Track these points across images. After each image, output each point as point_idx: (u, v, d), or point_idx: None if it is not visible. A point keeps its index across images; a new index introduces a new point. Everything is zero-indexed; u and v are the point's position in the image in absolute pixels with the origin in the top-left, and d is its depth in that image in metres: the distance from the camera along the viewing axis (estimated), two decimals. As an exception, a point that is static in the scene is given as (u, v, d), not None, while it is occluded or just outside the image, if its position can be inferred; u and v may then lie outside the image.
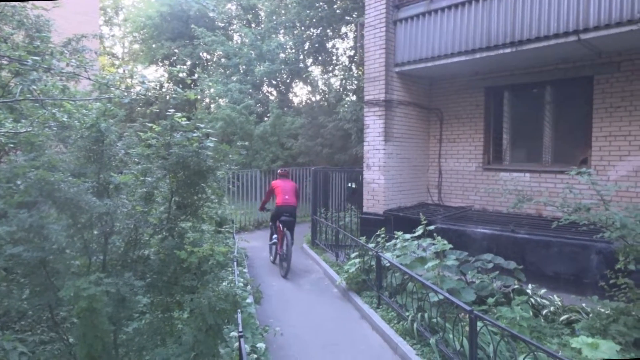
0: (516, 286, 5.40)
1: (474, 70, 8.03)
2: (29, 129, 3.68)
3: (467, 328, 4.01)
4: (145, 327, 3.43)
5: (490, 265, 5.70)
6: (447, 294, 4.40)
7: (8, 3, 5.21)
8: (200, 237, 3.55)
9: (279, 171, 8.90)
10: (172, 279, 3.43)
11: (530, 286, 5.40)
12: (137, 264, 3.51)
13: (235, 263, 5.88)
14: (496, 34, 6.63)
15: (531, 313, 4.84)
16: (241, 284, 5.66)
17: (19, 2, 5.50)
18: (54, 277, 3.05)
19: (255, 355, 4.08)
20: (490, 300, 5.06)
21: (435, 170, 9.00)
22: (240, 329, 3.48)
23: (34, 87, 3.96)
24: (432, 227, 6.21)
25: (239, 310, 3.32)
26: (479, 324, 3.83)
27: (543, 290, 5.41)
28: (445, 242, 5.68)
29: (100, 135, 3.27)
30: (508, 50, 6.53)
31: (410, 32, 7.86)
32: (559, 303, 5.16)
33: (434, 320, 4.68)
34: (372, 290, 6.23)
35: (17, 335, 3.83)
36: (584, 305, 4.96)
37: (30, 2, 5.68)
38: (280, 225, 7.85)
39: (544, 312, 5.02)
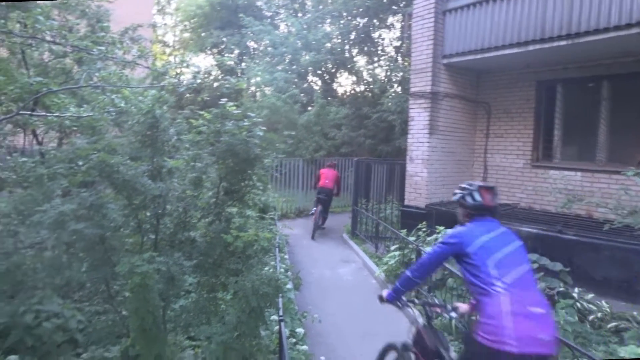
0: (561, 289, 5.23)
1: (525, 63, 7.74)
2: (90, 114, 3.91)
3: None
4: (192, 305, 3.60)
5: (535, 266, 5.55)
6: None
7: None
8: (246, 222, 3.67)
9: (328, 162, 10.96)
10: (218, 261, 3.58)
11: (576, 290, 5.22)
12: (185, 245, 3.69)
13: (277, 249, 6.02)
14: (551, 25, 6.36)
15: (576, 318, 4.68)
16: (282, 270, 5.79)
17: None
18: (110, 253, 3.25)
19: (294, 340, 4.19)
20: (534, 300, 4.93)
21: (481, 165, 8.78)
22: (281, 313, 3.58)
23: (96, 74, 4.20)
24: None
25: (280, 295, 3.42)
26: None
27: (590, 295, 5.20)
28: (489, 239, 5.57)
29: (155, 121, 3.43)
30: (563, 42, 6.25)
31: (459, 23, 7.67)
32: (608, 309, 4.95)
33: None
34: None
35: (76, 304, 4.13)
36: (635, 313, 4.75)
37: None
38: (317, 202, 10.02)
39: (591, 317, 4.84)
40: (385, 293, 3.09)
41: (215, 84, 15.79)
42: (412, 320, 3.34)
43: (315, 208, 10.21)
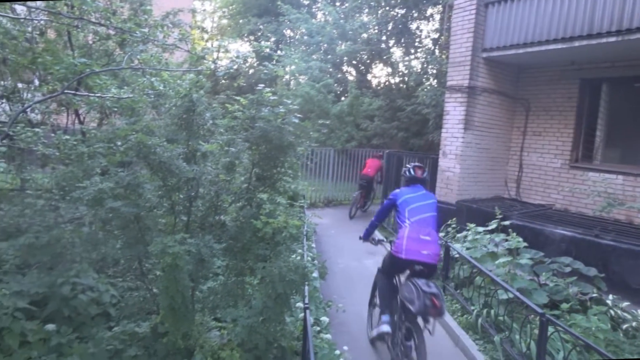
0: (595, 295, 5.06)
1: (570, 59, 7.45)
2: (130, 95, 4.01)
3: (536, 331, 3.87)
4: (219, 287, 3.67)
5: (568, 270, 5.39)
6: (517, 293, 4.26)
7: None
8: (275, 209, 3.70)
9: (373, 153, 12.02)
10: (247, 246, 3.63)
11: (610, 297, 5.03)
12: (215, 228, 3.75)
13: (305, 237, 6.05)
14: (600, 20, 6.08)
15: (609, 325, 4.53)
16: (309, 258, 5.83)
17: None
18: (144, 232, 3.35)
19: (317, 328, 4.22)
20: (565, 305, 4.80)
21: (516, 163, 8.55)
22: (306, 301, 3.61)
23: (137, 57, 4.30)
24: (507, 223, 5.96)
25: (306, 283, 3.44)
26: (550, 328, 3.67)
27: (626, 303, 5.01)
28: (520, 239, 5.45)
29: (191, 105, 3.48)
30: (612, 39, 5.97)
31: (502, 16, 7.44)
32: (643, 319, 4.78)
33: (501, 318, 4.55)
34: (438, 280, 6.15)
35: (110, 280, 4.28)
36: (672, 324, 4.56)
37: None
38: (359, 188, 10.93)
39: (624, 326, 4.66)
40: (361, 234, 4.81)
41: (251, 71, 15.90)
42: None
43: (356, 193, 11.10)
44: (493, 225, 5.91)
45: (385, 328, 3.96)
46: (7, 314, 3.32)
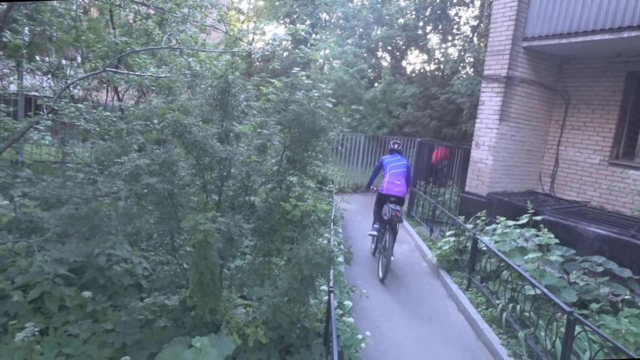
0: (627, 297, 4.92)
1: (617, 51, 7.13)
2: (168, 75, 4.09)
3: (562, 329, 3.80)
4: (247, 266, 3.76)
5: (600, 269, 5.25)
6: (545, 290, 4.18)
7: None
8: (305, 192, 3.74)
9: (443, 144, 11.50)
10: (275, 227, 3.69)
11: (644, 299, 4.90)
12: (245, 208, 3.83)
13: (332, 222, 6.10)
14: (653, 11, 5.77)
15: (641, 329, 4.41)
16: (335, 243, 5.88)
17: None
18: (177, 208, 3.45)
19: (340, 311, 4.27)
20: (594, 305, 4.69)
21: (552, 157, 8.30)
22: (331, 285, 3.66)
23: (176, 37, 4.37)
24: (538, 218, 5.83)
25: (331, 267, 3.48)
26: (578, 328, 3.60)
27: (660, 307, 4.87)
28: (552, 235, 5.33)
29: (227, 86, 3.53)
30: (665, 31, 5.68)
31: (546, 4, 7.15)
32: (678, 324, 4.62)
33: (526, 314, 4.49)
34: (463, 272, 6.10)
35: (143, 253, 4.45)
36: None
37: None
38: None
39: (657, 330, 4.54)
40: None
41: (285, 54, 15.88)
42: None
43: None
44: (524, 219, 5.79)
45: (374, 232, 6.69)
46: (48, 279, 3.51)
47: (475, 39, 14.34)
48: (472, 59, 13.06)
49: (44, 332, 3.32)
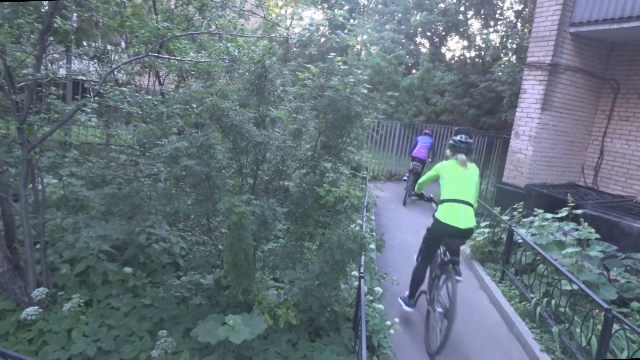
0: (670, 296, 4.72)
1: (674, 38, 6.73)
2: (207, 60, 4.17)
3: (599, 327, 3.69)
4: (280, 249, 3.84)
5: (645, 265, 5.04)
6: (583, 286, 4.06)
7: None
8: (338, 178, 3.76)
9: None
10: (308, 212, 3.74)
11: (690, 300, 4.68)
12: (279, 192, 3.89)
13: (365, 209, 6.11)
14: None
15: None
16: (367, 230, 5.89)
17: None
18: (213, 191, 3.54)
19: (371, 298, 4.30)
20: (635, 304, 4.53)
21: (596, 149, 7.97)
22: (362, 271, 3.69)
23: (215, 22, 4.44)
24: (579, 212, 5.64)
25: (363, 253, 3.50)
26: (616, 326, 3.49)
27: None
28: (592, 230, 5.15)
29: (264, 71, 3.57)
30: None
31: (598, -13, 6.80)
32: None
33: (562, 309, 4.38)
34: (497, 264, 6.00)
35: (180, 233, 4.61)
36: None
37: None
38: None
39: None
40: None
41: (322, 39, 15.81)
42: None
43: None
44: (563, 212, 5.62)
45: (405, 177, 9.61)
46: (93, 255, 3.70)
47: (518, 25, 13.83)
48: (514, 46, 12.64)
49: (89, 303, 3.52)
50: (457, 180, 4.13)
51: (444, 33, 17.08)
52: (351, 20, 14.12)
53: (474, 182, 4.16)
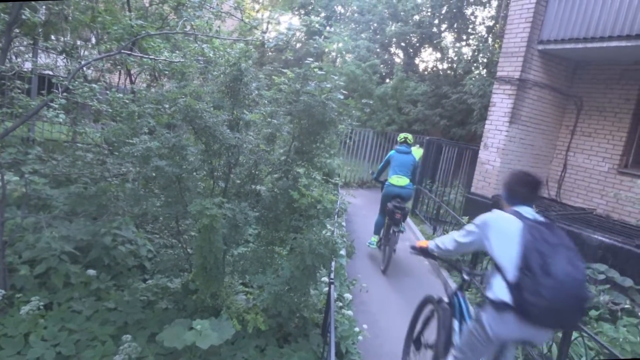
0: (627, 306, 4.91)
1: (633, 59, 7.06)
2: (181, 60, 4.12)
3: (559, 334, 3.81)
4: (250, 254, 3.80)
5: (601, 277, 5.24)
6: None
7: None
8: (311, 183, 3.76)
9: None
10: (279, 216, 3.72)
11: (644, 309, 4.89)
12: (251, 196, 3.86)
13: (336, 215, 6.13)
14: (673, 20, 5.71)
15: (639, 339, 4.40)
16: (339, 236, 5.90)
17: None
18: (184, 193, 3.49)
19: (340, 304, 4.31)
20: (593, 313, 4.70)
21: (560, 163, 8.26)
22: (332, 276, 3.69)
23: (192, 22, 4.39)
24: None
25: (334, 258, 3.51)
26: (575, 334, 3.61)
27: (660, 318, 4.86)
28: (555, 241, 5.31)
29: (239, 74, 3.54)
30: (684, 41, 5.61)
31: (564, 7, 7.08)
32: (677, 335, 4.61)
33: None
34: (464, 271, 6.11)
35: (148, 235, 4.50)
36: None
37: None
38: None
39: (656, 341, 4.53)
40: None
41: (299, 45, 15.86)
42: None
43: None
44: (528, 223, 5.79)
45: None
46: (55, 256, 3.57)
47: (490, 40, 14.24)
48: (485, 60, 12.98)
49: (49, 306, 3.38)
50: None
51: (418, 44, 17.41)
52: (327, 28, 14.24)
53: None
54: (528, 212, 2.73)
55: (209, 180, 3.80)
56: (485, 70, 12.77)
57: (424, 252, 3.33)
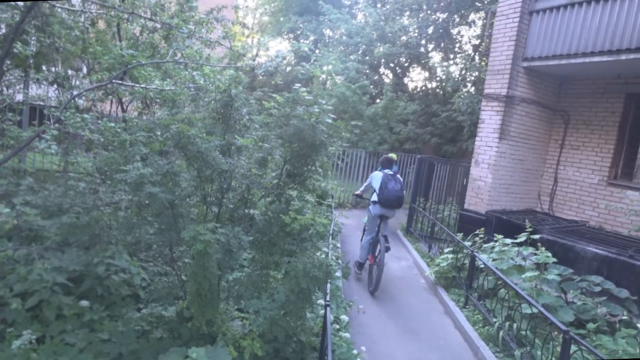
0: (624, 317, 4.91)
1: (615, 73, 7.22)
2: (172, 88, 4.16)
3: (559, 349, 3.80)
4: (245, 278, 3.78)
5: (597, 289, 5.25)
6: (542, 309, 4.18)
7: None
8: (304, 206, 3.78)
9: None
10: (274, 240, 3.72)
11: (642, 320, 4.88)
12: (244, 221, 3.86)
13: (330, 236, 6.12)
14: (650, 34, 5.87)
15: (638, 350, 4.39)
16: (333, 258, 5.89)
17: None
18: (177, 219, 3.48)
19: (337, 326, 4.27)
20: (591, 325, 4.69)
21: (551, 177, 8.35)
22: (328, 299, 3.67)
23: (182, 51, 4.46)
24: (536, 237, 5.85)
25: (329, 281, 3.50)
26: (574, 347, 3.60)
27: (658, 328, 4.85)
28: (549, 254, 5.34)
29: (230, 100, 3.60)
30: (663, 54, 5.76)
31: (546, 25, 7.27)
32: (675, 346, 4.61)
33: (523, 332, 4.48)
34: (461, 289, 6.10)
35: (142, 263, 4.46)
36: None
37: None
38: None
39: (655, 351, 4.52)
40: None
41: (288, 69, 16.08)
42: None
43: None
44: (522, 237, 5.81)
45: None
46: (47, 288, 3.52)
47: (476, 58, 14.52)
48: (473, 78, 13.21)
49: (41, 340, 3.33)
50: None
51: (406, 64, 17.70)
52: (317, 51, 14.46)
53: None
54: (386, 171, 6.29)
55: (202, 206, 3.81)
56: (473, 87, 12.99)
57: (357, 196, 6.83)
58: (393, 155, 6.60)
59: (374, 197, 6.22)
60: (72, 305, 3.64)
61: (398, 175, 6.31)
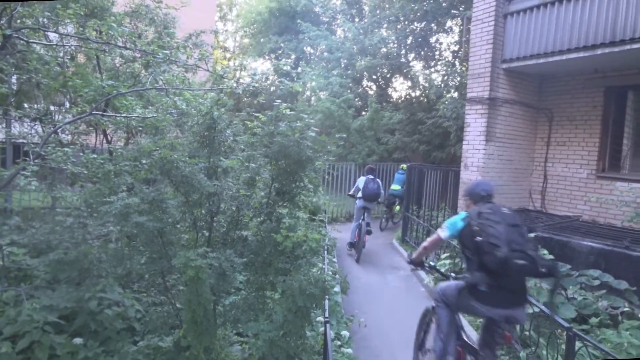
0: (626, 309, 4.88)
1: (593, 68, 7.33)
2: (154, 115, 4.14)
3: (564, 346, 3.76)
4: (241, 302, 3.71)
5: (597, 283, 5.23)
6: (543, 307, 4.15)
7: (143, 3, 5.86)
8: (296, 223, 3.73)
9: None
10: (268, 260, 3.67)
11: (644, 310, 4.86)
12: (236, 243, 3.81)
13: (325, 252, 6.06)
14: (622, 27, 5.97)
15: (643, 341, 4.36)
16: (330, 273, 5.83)
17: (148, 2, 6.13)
18: (167, 247, 3.43)
19: (339, 342, 4.21)
20: (594, 320, 4.65)
21: (540, 174, 8.39)
22: (326, 315, 3.61)
23: (161, 77, 4.45)
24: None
25: (326, 297, 3.45)
26: (578, 344, 3.56)
27: (660, 317, 4.83)
28: (546, 252, 5.33)
29: (212, 123, 3.58)
30: (637, 45, 5.85)
31: (521, 26, 7.39)
32: (679, 334, 4.58)
33: (526, 333, 4.44)
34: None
35: (135, 295, 4.37)
36: None
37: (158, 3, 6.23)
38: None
39: (660, 341, 4.49)
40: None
41: (272, 88, 16.16)
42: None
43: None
44: (517, 237, 5.81)
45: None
46: (38, 328, 3.43)
47: (457, 64, 14.70)
48: (455, 83, 13.35)
49: (35, 383, 3.22)
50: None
51: (388, 75, 17.87)
52: (299, 69, 14.59)
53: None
54: (369, 176, 8.33)
55: (192, 231, 3.75)
56: (456, 93, 13.11)
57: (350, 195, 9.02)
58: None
59: (359, 194, 8.47)
60: (65, 344, 3.53)
61: (377, 179, 8.58)
